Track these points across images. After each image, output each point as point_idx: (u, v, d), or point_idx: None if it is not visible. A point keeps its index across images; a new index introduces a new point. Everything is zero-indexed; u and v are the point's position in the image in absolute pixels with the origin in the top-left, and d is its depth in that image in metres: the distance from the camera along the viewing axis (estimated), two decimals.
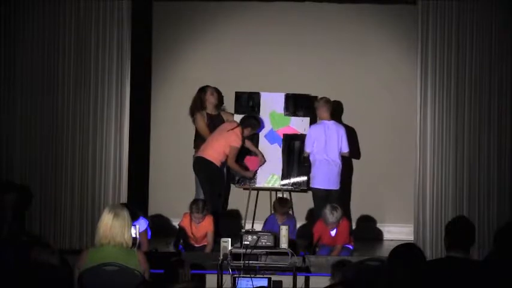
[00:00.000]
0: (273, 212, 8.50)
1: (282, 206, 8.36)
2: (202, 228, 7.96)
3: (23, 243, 6.91)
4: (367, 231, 9.64)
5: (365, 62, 9.76)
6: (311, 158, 8.75)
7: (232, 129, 8.76)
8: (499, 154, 8.43)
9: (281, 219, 8.25)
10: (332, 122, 8.78)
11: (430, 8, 8.45)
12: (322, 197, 8.58)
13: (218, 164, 8.70)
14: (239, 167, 8.96)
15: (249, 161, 9.23)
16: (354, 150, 9.35)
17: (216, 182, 8.73)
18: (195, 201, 8.05)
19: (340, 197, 8.81)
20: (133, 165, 8.76)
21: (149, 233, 7.75)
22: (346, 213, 9.40)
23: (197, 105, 9.07)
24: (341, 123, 9.05)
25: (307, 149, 8.78)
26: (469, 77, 8.44)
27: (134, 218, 7.31)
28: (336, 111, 9.28)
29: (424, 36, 8.46)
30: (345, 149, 8.76)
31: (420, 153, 8.44)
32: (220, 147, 8.69)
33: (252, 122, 8.98)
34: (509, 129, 8.45)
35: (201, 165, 8.68)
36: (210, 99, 9.08)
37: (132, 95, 8.63)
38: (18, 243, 6.84)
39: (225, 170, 9.16)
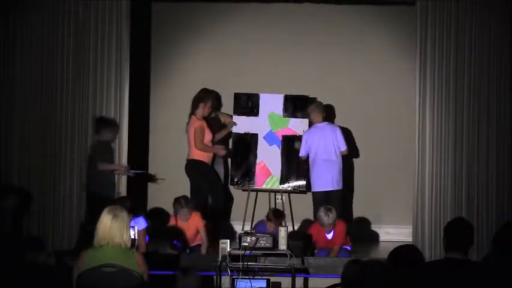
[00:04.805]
0: (265, 220, 8.46)
1: (276, 218, 8.31)
2: (192, 225, 7.94)
3: (21, 244, 6.90)
4: (366, 232, 9.63)
5: (364, 63, 9.76)
6: (310, 161, 8.74)
7: (189, 121, 8.72)
8: (497, 155, 8.42)
9: (272, 228, 8.13)
10: (325, 123, 8.78)
11: (429, 9, 8.45)
12: (323, 200, 8.51)
13: (207, 161, 8.70)
14: (207, 146, 8.70)
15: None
16: (352, 149, 9.34)
17: (212, 179, 8.76)
18: (176, 199, 8.02)
19: (342, 197, 8.79)
20: (132, 166, 8.74)
21: (146, 238, 7.72)
22: (348, 214, 9.42)
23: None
24: (335, 124, 9.04)
25: (302, 154, 8.80)
26: (467, 77, 8.44)
27: (135, 214, 7.29)
28: (330, 113, 9.28)
29: (422, 36, 8.46)
30: (343, 147, 8.74)
31: (419, 154, 8.44)
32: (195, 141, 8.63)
33: (200, 95, 8.79)
34: (508, 130, 8.44)
35: (193, 167, 8.69)
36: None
37: (131, 95, 8.63)
38: (16, 244, 6.83)
39: (223, 170, 9.15)
